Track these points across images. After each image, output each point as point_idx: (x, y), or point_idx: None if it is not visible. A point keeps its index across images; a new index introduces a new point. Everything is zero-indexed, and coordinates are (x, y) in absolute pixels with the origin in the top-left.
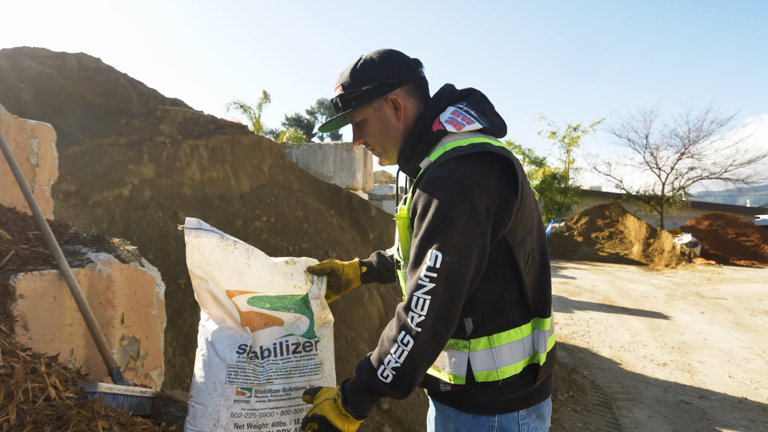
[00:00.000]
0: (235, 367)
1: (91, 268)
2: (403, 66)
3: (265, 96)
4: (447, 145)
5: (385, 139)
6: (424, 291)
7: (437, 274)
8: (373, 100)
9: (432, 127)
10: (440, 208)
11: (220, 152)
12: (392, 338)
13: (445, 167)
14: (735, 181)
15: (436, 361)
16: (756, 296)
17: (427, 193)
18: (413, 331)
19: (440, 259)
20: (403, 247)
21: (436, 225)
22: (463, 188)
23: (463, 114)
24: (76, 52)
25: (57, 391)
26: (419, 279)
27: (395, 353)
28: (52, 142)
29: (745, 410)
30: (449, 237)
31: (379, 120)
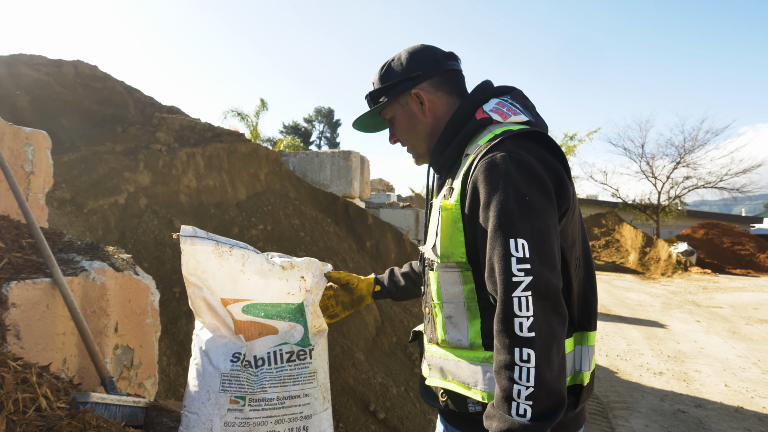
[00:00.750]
0: (229, 375)
1: (85, 277)
2: (429, 60)
3: (262, 104)
4: (495, 130)
5: (413, 134)
6: (523, 287)
7: (530, 265)
8: (399, 96)
9: (475, 115)
10: (511, 192)
11: (217, 160)
12: (507, 364)
13: (501, 148)
14: (730, 191)
15: (464, 376)
16: (752, 305)
17: (491, 178)
18: (528, 340)
19: (528, 248)
20: (443, 244)
21: (512, 210)
22: (528, 168)
23: (508, 105)
24: (72, 60)
25: (48, 402)
26: (512, 276)
27: (521, 379)
28: (47, 149)
29: (741, 419)
30: (531, 221)
31: (406, 116)
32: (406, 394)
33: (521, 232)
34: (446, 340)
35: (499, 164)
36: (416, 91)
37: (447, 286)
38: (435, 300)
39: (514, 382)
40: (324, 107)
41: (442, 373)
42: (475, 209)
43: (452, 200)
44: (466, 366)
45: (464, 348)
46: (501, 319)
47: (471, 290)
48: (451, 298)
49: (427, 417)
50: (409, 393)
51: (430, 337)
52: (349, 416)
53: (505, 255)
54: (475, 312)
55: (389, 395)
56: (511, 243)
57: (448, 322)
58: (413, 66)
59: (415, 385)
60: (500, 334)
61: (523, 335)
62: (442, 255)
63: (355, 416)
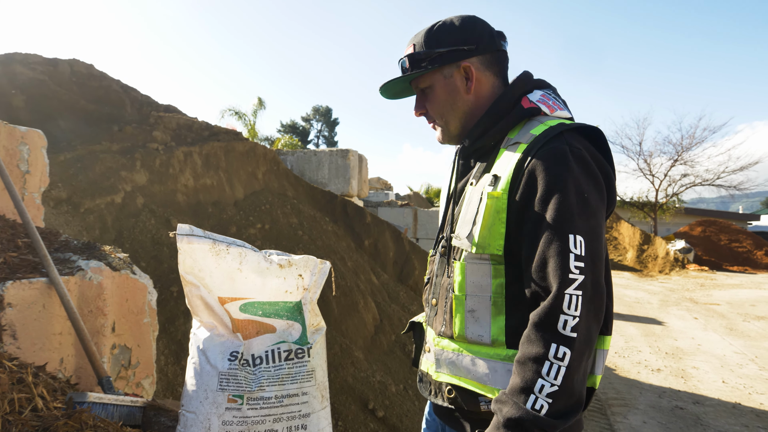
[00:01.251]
0: (227, 374)
1: (82, 276)
2: (484, 34)
3: (260, 103)
4: (549, 122)
5: (450, 111)
6: (576, 286)
7: (584, 264)
8: (445, 66)
9: (521, 103)
10: (572, 187)
11: (214, 159)
12: (538, 356)
13: (562, 141)
14: (727, 188)
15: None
16: (749, 302)
17: (553, 169)
18: (568, 339)
19: (584, 246)
20: (481, 233)
21: (571, 205)
22: (587, 165)
23: (552, 99)
24: (68, 59)
25: (44, 402)
26: (569, 272)
27: (549, 374)
28: (42, 148)
29: (738, 415)
30: (588, 219)
31: (447, 88)
32: (405, 392)
33: (580, 229)
34: (464, 335)
35: (562, 157)
36: (467, 65)
37: (474, 278)
38: (456, 292)
39: (540, 376)
40: (322, 106)
41: (453, 368)
42: (528, 200)
43: (499, 189)
44: (483, 363)
45: (484, 344)
46: (546, 312)
47: (500, 285)
48: (477, 291)
49: None
50: (408, 391)
51: (440, 330)
52: (348, 414)
53: (564, 250)
54: (500, 307)
55: (388, 393)
56: (571, 239)
57: (469, 316)
58: (467, 37)
59: (414, 383)
60: (539, 326)
61: (565, 333)
62: (478, 245)
63: (354, 414)
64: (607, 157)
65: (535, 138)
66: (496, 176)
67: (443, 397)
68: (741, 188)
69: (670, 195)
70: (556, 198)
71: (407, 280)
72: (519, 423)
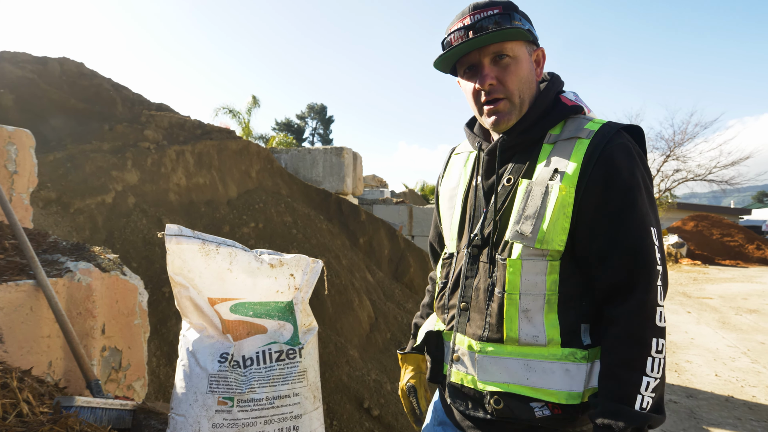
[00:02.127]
0: (217, 376)
1: (70, 278)
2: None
3: (254, 101)
4: (597, 119)
5: (528, 90)
6: (660, 276)
7: (661, 254)
8: (531, 42)
9: (563, 101)
10: (643, 182)
11: (207, 158)
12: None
13: (623, 137)
14: (719, 183)
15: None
16: (741, 295)
17: (626, 165)
18: (663, 331)
19: (658, 237)
20: (548, 229)
21: (645, 200)
22: (645, 161)
23: (580, 100)
24: (58, 57)
25: (30, 407)
26: (656, 264)
27: (653, 370)
28: (31, 148)
29: (731, 408)
30: (655, 211)
31: (529, 66)
32: None
33: (655, 221)
34: (517, 337)
35: (630, 153)
36: (542, 50)
37: (530, 275)
38: (508, 291)
39: (645, 375)
40: (317, 104)
41: (502, 374)
42: (601, 195)
43: (567, 182)
44: (539, 365)
45: (539, 345)
46: (644, 307)
47: (554, 282)
48: (532, 289)
49: None
50: None
51: (482, 335)
52: (343, 413)
53: (650, 243)
54: (553, 306)
55: (383, 392)
56: (652, 231)
57: (523, 317)
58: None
59: None
60: (639, 324)
61: (661, 325)
62: (543, 240)
63: (349, 413)
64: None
65: (596, 134)
66: (557, 170)
67: (487, 408)
68: (732, 183)
69: (663, 190)
70: (634, 192)
71: (402, 277)
72: (638, 430)
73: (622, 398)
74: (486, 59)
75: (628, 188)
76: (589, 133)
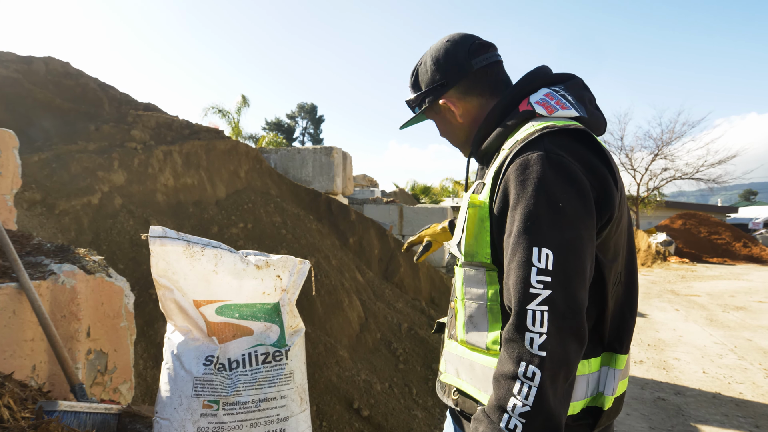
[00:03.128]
0: (202, 379)
1: (54, 280)
2: (450, 65)
3: (244, 100)
4: (536, 124)
5: (453, 137)
6: (539, 301)
7: (551, 278)
8: (431, 105)
9: (518, 107)
10: (543, 196)
11: (195, 158)
12: (509, 374)
13: (539, 146)
14: (706, 181)
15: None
16: (728, 293)
17: (523, 178)
18: (536, 358)
19: (552, 259)
20: (467, 242)
21: (540, 216)
22: (566, 171)
23: (557, 98)
24: (43, 56)
25: (11, 412)
26: (529, 286)
27: (520, 394)
28: (14, 149)
29: (719, 405)
30: (559, 230)
31: (442, 121)
32: (390, 390)
33: (548, 241)
34: (465, 339)
35: (534, 164)
36: (443, 102)
37: (471, 284)
38: (458, 296)
39: (512, 395)
40: (307, 103)
41: (456, 371)
42: (503, 210)
43: (482, 197)
44: (480, 369)
45: (481, 350)
46: (513, 329)
47: (496, 293)
48: (474, 297)
49: (412, 413)
50: (393, 389)
51: (451, 332)
52: (333, 414)
53: (525, 263)
54: (497, 315)
55: (373, 392)
56: (534, 251)
57: (468, 322)
58: (437, 74)
59: (399, 381)
60: (509, 343)
61: (533, 351)
62: (466, 253)
63: (339, 414)
64: (603, 158)
65: (516, 143)
66: (482, 184)
67: (451, 398)
68: (719, 181)
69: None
70: (522, 208)
71: (392, 277)
72: None
73: (490, 409)
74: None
75: (517, 205)
76: (513, 142)
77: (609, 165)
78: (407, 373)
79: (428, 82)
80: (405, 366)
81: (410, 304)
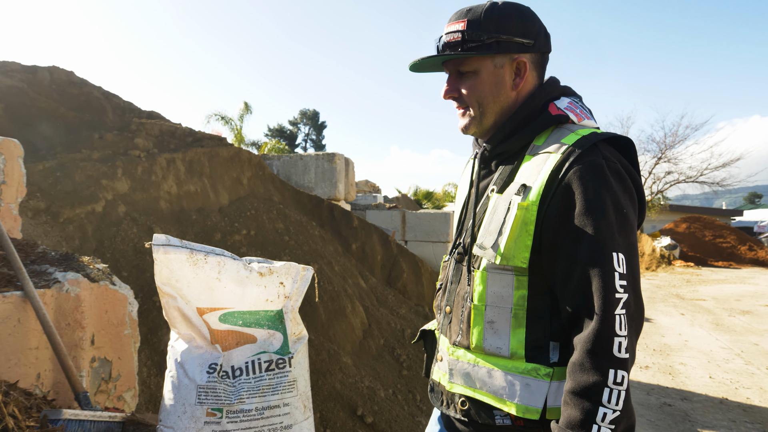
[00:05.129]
0: (206, 387)
1: (58, 289)
2: (542, 32)
3: (246, 107)
4: (581, 131)
5: (491, 102)
6: (621, 305)
7: (627, 282)
8: (498, 54)
9: (548, 110)
10: (611, 203)
11: (198, 165)
12: (597, 385)
13: (597, 154)
14: (711, 184)
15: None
16: (734, 297)
17: (592, 184)
18: (624, 362)
19: (626, 264)
20: (507, 245)
21: (613, 222)
22: (623, 180)
23: (580, 107)
24: (47, 66)
25: (16, 421)
26: (615, 291)
27: (610, 402)
28: (19, 158)
29: (726, 411)
30: (627, 235)
31: (495, 79)
32: (394, 397)
33: (621, 246)
34: (482, 346)
35: (600, 172)
36: (522, 60)
37: (496, 288)
38: (475, 302)
39: (601, 405)
40: (309, 109)
41: (468, 380)
42: (563, 214)
43: (529, 200)
44: (501, 376)
45: (503, 357)
46: (598, 337)
47: (522, 297)
48: (498, 302)
49: (416, 420)
50: (396, 396)
51: (456, 340)
52: (336, 421)
53: (609, 270)
54: (521, 320)
55: (377, 399)
56: (614, 257)
57: (488, 327)
58: (527, 30)
59: (403, 387)
60: (594, 353)
61: (620, 356)
62: (503, 256)
63: (343, 421)
64: (637, 167)
65: (568, 148)
66: (525, 186)
67: (456, 408)
68: (724, 184)
69: (655, 192)
70: (597, 215)
71: (395, 283)
72: None
73: (574, 425)
74: (451, 72)
75: (590, 211)
76: (562, 148)
77: (640, 173)
78: (411, 380)
79: (515, 32)
80: (408, 372)
81: (413, 310)
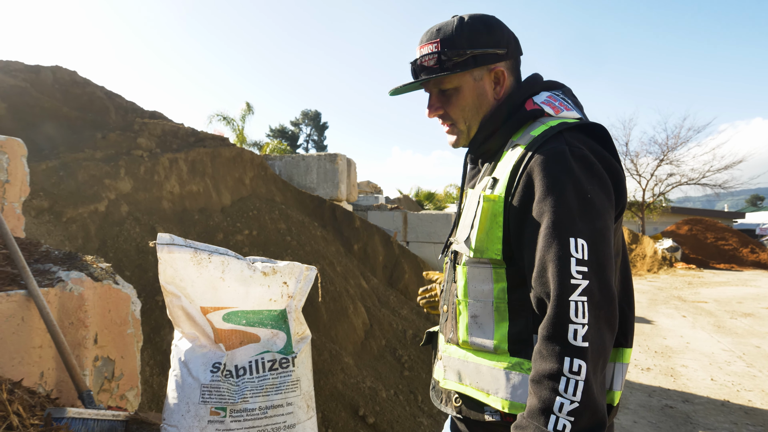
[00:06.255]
0: (209, 386)
1: (62, 287)
2: (512, 38)
3: (248, 108)
4: (550, 122)
5: (475, 114)
6: (580, 291)
7: (588, 268)
8: (476, 68)
9: (525, 106)
10: (572, 188)
11: (200, 165)
12: (553, 373)
13: (560, 141)
14: (713, 187)
15: (484, 382)
16: (735, 299)
17: (550, 170)
18: (581, 350)
19: (587, 249)
20: (478, 237)
21: (572, 207)
22: (589, 164)
23: (560, 100)
24: (51, 65)
25: (20, 419)
26: (570, 277)
27: (567, 392)
28: (22, 157)
29: (727, 413)
30: (592, 221)
31: (476, 92)
32: (395, 397)
33: (582, 232)
34: (468, 341)
35: (560, 158)
36: (500, 69)
37: (476, 282)
38: (460, 297)
39: (558, 394)
40: (311, 110)
41: (459, 376)
42: (526, 203)
43: (497, 192)
44: (488, 371)
45: (487, 351)
46: (552, 323)
47: (502, 290)
48: (479, 296)
49: (417, 420)
50: (398, 396)
51: (449, 337)
52: (338, 422)
53: (564, 255)
54: (503, 314)
55: (378, 399)
56: (571, 242)
57: (472, 322)
58: (499, 39)
59: (405, 388)
60: (549, 340)
61: (577, 344)
62: (475, 249)
63: (344, 422)
64: (613, 152)
65: (533, 139)
66: (495, 179)
67: (451, 405)
68: (726, 187)
69: (657, 194)
70: (554, 200)
71: (397, 284)
72: None
73: (534, 414)
74: (432, 92)
75: (547, 197)
76: (529, 139)
77: (618, 160)
78: (412, 380)
79: (488, 44)
80: (410, 373)
81: (415, 310)
